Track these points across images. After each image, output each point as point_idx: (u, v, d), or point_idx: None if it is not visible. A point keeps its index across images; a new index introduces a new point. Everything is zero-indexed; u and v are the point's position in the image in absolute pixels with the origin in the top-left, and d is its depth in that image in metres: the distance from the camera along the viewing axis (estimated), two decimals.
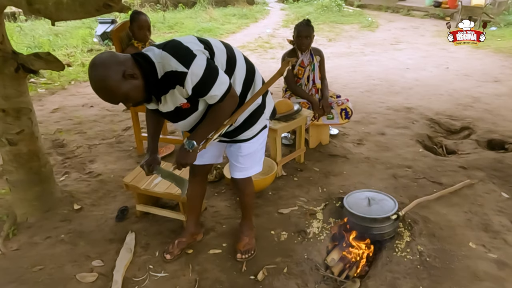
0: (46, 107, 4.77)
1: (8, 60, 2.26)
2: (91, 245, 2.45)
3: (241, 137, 1.99)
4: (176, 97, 1.67)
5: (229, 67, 1.77)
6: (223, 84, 1.65)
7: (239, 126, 1.94)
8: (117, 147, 3.72)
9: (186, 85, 1.58)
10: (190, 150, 1.78)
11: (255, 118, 1.96)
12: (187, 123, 1.83)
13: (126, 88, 1.56)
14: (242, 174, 2.13)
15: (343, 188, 2.94)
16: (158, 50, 1.62)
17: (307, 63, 3.44)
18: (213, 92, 1.64)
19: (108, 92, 1.55)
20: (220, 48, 1.77)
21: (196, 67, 1.57)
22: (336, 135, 3.79)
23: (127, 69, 1.54)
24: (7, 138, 2.43)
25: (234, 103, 1.75)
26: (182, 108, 1.73)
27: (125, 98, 1.60)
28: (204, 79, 1.59)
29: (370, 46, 7.97)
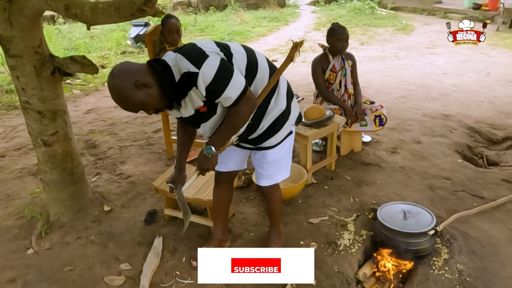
0: (81, 108, 4.89)
1: (46, 64, 2.31)
2: (120, 247, 2.46)
3: (265, 144, 1.94)
4: (194, 99, 1.65)
5: (250, 71, 1.72)
6: (238, 86, 1.60)
7: (263, 133, 1.88)
8: (148, 149, 3.75)
9: (199, 86, 1.56)
10: (209, 155, 1.75)
11: (280, 125, 1.90)
12: (208, 127, 1.80)
13: (140, 97, 1.56)
14: (268, 181, 2.07)
15: (376, 199, 2.82)
16: (174, 53, 1.62)
17: (339, 68, 3.35)
18: (227, 94, 1.59)
19: (123, 101, 1.58)
20: (240, 52, 1.73)
21: (207, 68, 1.54)
22: (368, 142, 3.66)
23: (140, 78, 1.55)
24: (43, 139, 2.48)
25: (251, 106, 1.69)
26: (200, 111, 1.71)
27: (142, 107, 1.61)
28: (216, 80, 1.55)
29: (405, 50, 7.73)
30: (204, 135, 1.88)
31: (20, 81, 2.31)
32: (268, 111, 1.83)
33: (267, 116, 1.84)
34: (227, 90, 1.59)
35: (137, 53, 7.67)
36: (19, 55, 2.23)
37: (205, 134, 1.86)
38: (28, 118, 2.44)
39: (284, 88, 1.87)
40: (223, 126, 1.73)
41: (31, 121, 2.44)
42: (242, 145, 1.98)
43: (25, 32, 2.19)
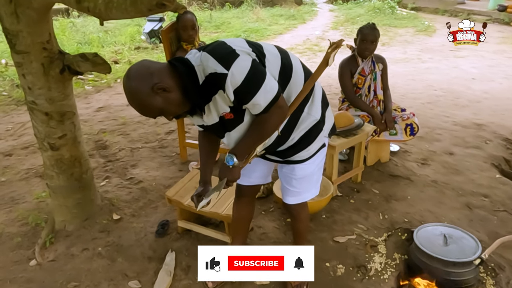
0: (92, 105, 4.73)
1: (54, 61, 2.12)
2: (129, 262, 2.27)
3: (295, 157, 1.71)
4: (219, 105, 1.44)
5: (283, 76, 1.51)
6: (270, 91, 1.39)
7: (293, 145, 1.66)
8: (160, 151, 3.55)
9: (226, 89, 1.36)
10: (231, 166, 1.54)
11: (312, 136, 1.67)
12: (233, 137, 1.59)
13: (158, 102, 1.36)
14: (296, 199, 1.85)
15: (408, 217, 2.58)
16: (198, 52, 1.42)
17: (368, 71, 3.11)
18: (256, 100, 1.39)
19: (140, 107, 1.39)
20: (273, 53, 1.51)
21: (237, 68, 1.34)
22: (396, 152, 3.42)
23: (159, 81, 1.35)
24: (49, 142, 2.30)
25: (281, 115, 1.48)
26: (226, 118, 1.50)
27: (161, 113, 1.41)
28: (246, 83, 1.35)
29: (428, 52, 7.42)
30: (228, 146, 1.67)
31: (26, 80, 2.13)
32: (300, 121, 1.61)
33: (298, 127, 1.62)
34: (257, 95, 1.37)
35: (151, 49, 7.50)
36: (26, 51, 2.04)
37: (229, 145, 1.64)
38: (35, 120, 2.25)
39: (319, 95, 1.65)
40: (248, 134, 1.52)
41: (37, 123, 2.26)
42: (268, 157, 1.76)
43: (33, 27, 2.00)
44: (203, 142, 1.75)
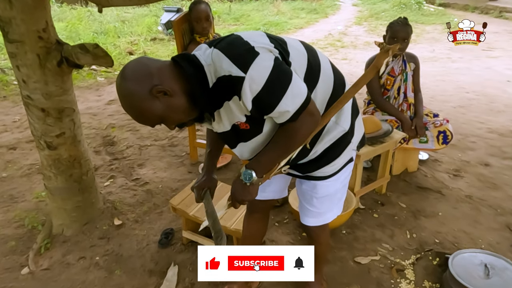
0: (103, 98, 4.56)
1: (51, 52, 1.91)
2: (127, 275, 2.07)
3: (318, 173, 1.46)
4: (233, 112, 1.20)
5: (309, 79, 1.24)
6: (298, 95, 1.14)
7: (316, 158, 1.41)
8: (169, 150, 3.35)
9: (243, 95, 1.11)
10: (248, 183, 1.29)
11: (339, 150, 1.42)
12: (247, 149, 1.34)
13: (157, 108, 1.12)
14: (316, 220, 1.60)
15: (439, 237, 2.30)
16: (209, 48, 1.16)
17: (399, 71, 2.81)
18: (283, 107, 1.13)
19: (135, 112, 1.14)
20: (299, 50, 1.25)
21: (256, 70, 1.08)
22: (425, 161, 3.12)
23: (159, 83, 1.10)
24: (46, 140, 2.10)
25: (313, 123, 1.22)
26: (240, 128, 1.25)
27: (160, 121, 1.17)
28: (269, 87, 1.09)
29: (457, 51, 6.98)
30: (241, 157, 1.43)
31: (21, 72, 1.93)
32: (326, 132, 1.35)
33: (323, 138, 1.36)
34: (283, 101, 1.12)
35: (167, 41, 7.31)
36: (20, 40, 1.84)
37: (242, 156, 1.40)
38: (30, 116, 2.07)
39: (349, 103, 1.39)
40: (272, 146, 1.26)
41: (33, 120, 2.07)
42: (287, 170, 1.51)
43: (28, 13, 1.80)
44: (211, 131, 1.49)
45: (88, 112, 4.12)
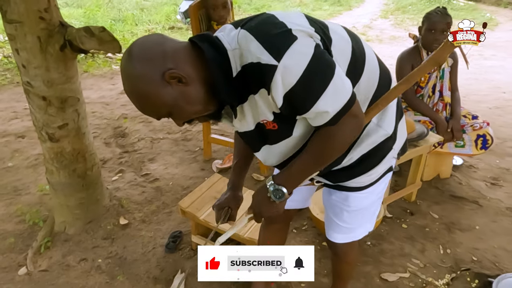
0: (117, 87, 4.41)
1: (54, 35, 1.73)
2: (130, 281, 1.90)
3: (351, 183, 1.23)
4: (258, 108, 0.98)
5: (353, 71, 1.01)
6: (341, 93, 0.93)
7: (350, 166, 1.18)
8: (182, 145, 3.17)
9: (273, 89, 0.89)
10: (277, 201, 1.08)
11: (379, 157, 1.19)
12: (274, 153, 1.13)
13: (168, 97, 0.91)
14: (345, 237, 1.38)
15: (477, 254, 2.05)
16: (235, 29, 0.95)
17: (434, 67, 2.54)
18: (321, 107, 0.91)
19: (140, 99, 0.93)
20: (342, 37, 1.02)
21: (292, 59, 0.86)
22: (459, 166, 2.85)
23: (173, 67, 0.89)
24: (48, 132, 1.94)
25: (356, 128, 1.01)
26: (266, 128, 1.04)
27: (168, 113, 0.95)
28: (306, 81, 0.88)
29: (490, 48, 6.57)
30: (264, 163, 1.22)
31: (20, 56, 1.76)
32: (365, 135, 1.13)
33: (362, 142, 1.13)
34: (322, 99, 0.90)
35: (186, 29, 7.12)
36: (19, 21, 1.67)
37: (266, 162, 1.19)
38: (31, 105, 1.90)
39: (393, 102, 1.16)
40: (306, 156, 1.04)
41: (34, 109, 1.90)
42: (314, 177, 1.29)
43: None
44: (238, 138, 1.31)
45: (100, 101, 3.98)
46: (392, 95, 1.04)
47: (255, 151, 1.18)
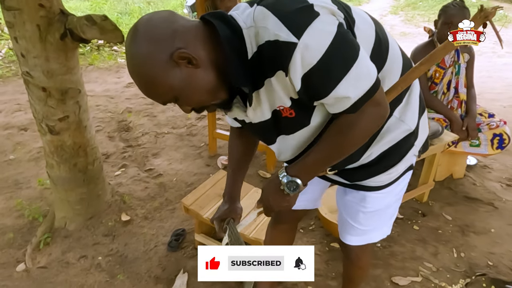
0: (122, 80, 4.35)
1: (54, 23, 1.66)
2: (131, 280, 1.84)
3: (369, 182, 1.15)
4: (275, 93, 0.89)
5: (376, 57, 0.93)
6: (365, 78, 0.84)
7: (369, 164, 1.10)
8: (187, 140, 3.09)
9: (292, 69, 0.80)
10: (291, 193, 0.99)
11: (400, 154, 1.10)
12: (290, 145, 1.04)
13: (176, 80, 0.82)
14: (360, 239, 1.30)
15: (493, 259, 1.96)
16: (251, 7, 0.86)
17: (450, 62, 2.44)
18: (341, 91, 0.82)
19: (145, 81, 0.84)
20: (366, 19, 0.94)
21: (314, 36, 0.78)
22: (473, 166, 2.75)
23: (183, 46, 0.80)
24: (48, 124, 1.88)
25: (379, 117, 0.91)
26: (282, 116, 0.95)
27: (175, 97, 0.86)
28: (327, 62, 0.79)
29: (504, 45, 6.41)
30: (279, 157, 1.13)
31: (19, 45, 1.69)
32: (386, 130, 1.03)
33: (382, 138, 1.04)
34: (344, 83, 0.81)
35: None
36: (17, 8, 1.60)
37: (281, 156, 1.10)
38: (31, 96, 1.84)
39: (416, 94, 1.07)
40: (322, 146, 0.95)
41: (33, 100, 1.84)
42: (329, 176, 1.20)
43: None
44: (237, 142, 1.22)
45: (105, 94, 3.92)
46: (412, 76, 0.95)
47: (270, 143, 1.08)
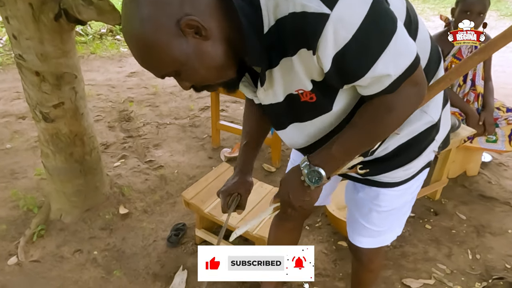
0: (124, 70, 4.24)
1: (47, 2, 1.55)
2: (128, 277, 1.75)
3: (385, 177, 1.04)
4: (294, 75, 0.77)
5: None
6: (405, 54, 0.73)
7: (386, 156, 0.98)
8: (190, 131, 2.99)
9: (321, 46, 0.68)
10: (313, 186, 0.87)
11: (420, 148, 0.99)
12: (306, 133, 0.92)
13: (181, 51, 0.70)
14: (372, 241, 1.19)
15: (511, 261, 1.85)
16: None
17: (467, 53, 2.31)
18: (380, 69, 0.71)
19: (144, 49, 0.71)
20: None
21: (348, 7, 0.66)
22: (487, 163, 2.62)
23: (192, 13, 0.68)
24: (42, 111, 1.78)
25: (418, 98, 0.80)
26: (301, 100, 0.83)
27: (176, 71, 0.74)
28: (363, 36, 0.68)
29: None
30: (290, 145, 1.02)
31: (11, 25, 1.59)
32: (406, 121, 0.90)
33: (400, 130, 0.93)
34: (382, 60, 0.70)
35: None
36: None
37: (292, 143, 0.99)
38: (24, 81, 1.73)
39: None
40: (353, 131, 0.83)
41: (27, 85, 1.73)
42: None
43: None
44: (253, 111, 1.10)
45: (107, 83, 3.82)
46: (465, 67, 0.85)
47: (280, 128, 0.97)
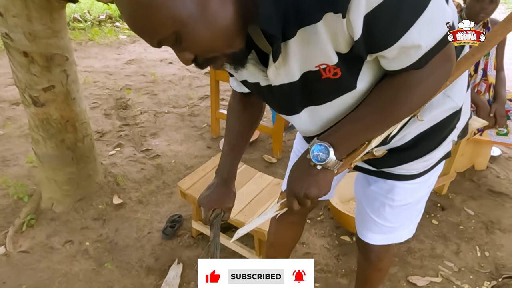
0: (123, 57, 4.13)
1: None
2: (120, 270, 1.67)
3: (400, 169, 0.94)
4: (319, 45, 0.65)
5: None
6: (440, 22, 0.63)
7: (403, 146, 0.88)
8: (189, 120, 2.90)
9: (353, 7, 0.58)
10: (319, 165, 0.75)
11: (441, 136, 0.89)
12: (320, 117, 0.80)
13: (182, 8, 0.57)
14: (383, 238, 1.10)
15: None
16: None
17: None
18: (411, 38, 0.61)
19: (137, 6, 0.57)
20: None
21: None
22: (496, 157, 2.53)
23: None
24: (31, 95, 1.68)
25: (445, 77, 0.71)
26: (322, 78, 0.70)
27: (176, 34, 0.60)
28: None
29: None
30: (303, 133, 0.92)
31: None
32: (426, 106, 0.82)
33: (422, 115, 0.83)
34: (416, 27, 0.60)
35: None
36: None
37: (307, 131, 0.87)
38: (12, 62, 1.64)
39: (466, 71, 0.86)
40: (369, 109, 0.73)
41: (15, 67, 1.64)
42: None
43: None
44: (240, 112, 1.00)
45: (104, 70, 3.72)
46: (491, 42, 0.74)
47: (291, 113, 0.84)
